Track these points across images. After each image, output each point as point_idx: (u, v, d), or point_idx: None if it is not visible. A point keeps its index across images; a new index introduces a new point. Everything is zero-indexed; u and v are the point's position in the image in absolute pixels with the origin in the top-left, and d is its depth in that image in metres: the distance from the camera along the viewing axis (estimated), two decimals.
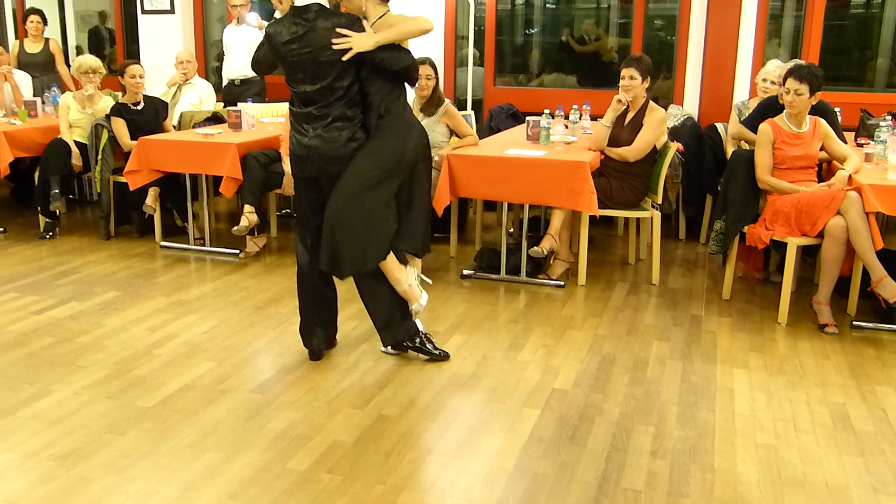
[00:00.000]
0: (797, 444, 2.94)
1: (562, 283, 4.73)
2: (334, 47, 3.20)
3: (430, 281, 4.12)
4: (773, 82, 5.04)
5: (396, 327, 3.58)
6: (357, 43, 3.22)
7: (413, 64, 3.41)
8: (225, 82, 6.84)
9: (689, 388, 3.38)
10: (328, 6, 3.30)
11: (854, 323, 4.15)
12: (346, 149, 3.32)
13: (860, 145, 5.11)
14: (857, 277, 4.24)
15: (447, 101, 5.08)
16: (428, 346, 3.62)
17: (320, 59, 3.24)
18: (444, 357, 3.63)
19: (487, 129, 6.45)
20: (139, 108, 5.55)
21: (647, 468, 2.76)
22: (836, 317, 4.11)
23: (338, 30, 3.22)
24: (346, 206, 3.31)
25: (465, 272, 4.88)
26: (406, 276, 3.52)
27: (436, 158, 4.83)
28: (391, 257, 3.45)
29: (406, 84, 3.47)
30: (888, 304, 4.00)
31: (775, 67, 5.11)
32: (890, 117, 5.12)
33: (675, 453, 2.85)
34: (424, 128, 3.53)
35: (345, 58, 3.21)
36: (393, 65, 3.33)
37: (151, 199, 5.26)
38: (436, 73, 5.02)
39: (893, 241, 4.36)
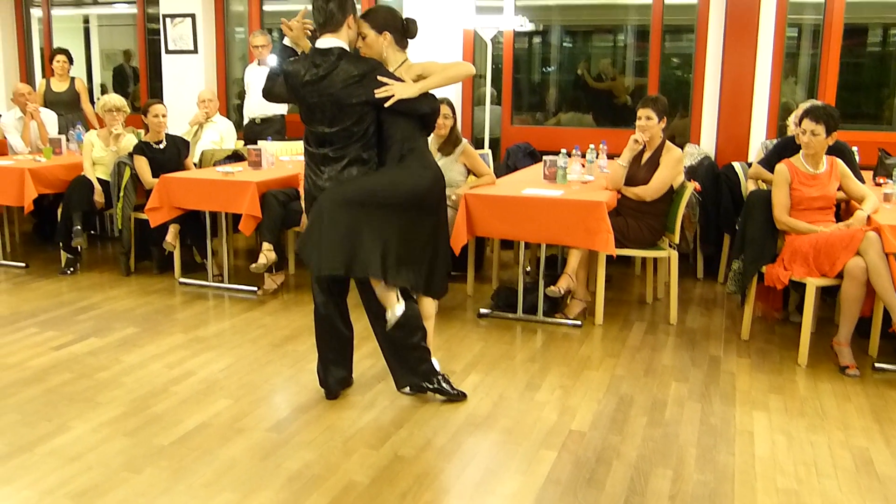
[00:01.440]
0: (819, 490, 2.89)
1: (579, 322, 4.71)
2: (377, 95, 3.22)
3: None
4: None
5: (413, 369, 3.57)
6: (400, 91, 3.24)
7: (435, 110, 3.43)
8: (246, 121, 6.94)
9: (709, 431, 3.34)
10: (349, 50, 3.35)
11: (876, 364, 4.10)
12: None
13: (878, 184, 5.10)
14: (878, 318, 4.19)
15: (464, 140, 5.12)
16: (445, 386, 3.60)
17: (342, 103, 3.25)
18: (461, 397, 3.61)
19: (505, 167, 6.49)
20: (161, 146, 5.64)
21: None
22: (857, 358, 4.07)
23: (380, 78, 3.24)
24: (333, 206, 3.25)
25: (482, 311, 4.88)
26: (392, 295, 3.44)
27: (453, 198, 4.86)
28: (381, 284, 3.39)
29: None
30: None
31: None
32: None
33: (694, 497, 2.82)
34: (442, 172, 3.54)
35: (387, 104, 3.22)
36: (416, 110, 3.35)
37: (171, 236, 5.32)
38: (453, 113, 5.07)
39: None
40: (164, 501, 2.73)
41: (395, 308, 3.39)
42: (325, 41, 3.33)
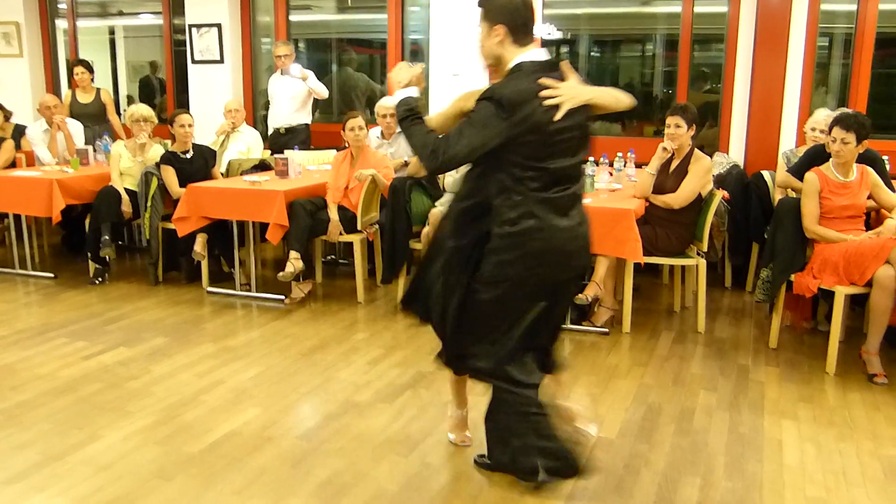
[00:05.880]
0: (848, 498, 2.87)
1: (606, 330, 4.70)
2: (546, 102, 2.55)
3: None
4: (821, 131, 5.00)
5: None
6: (569, 97, 2.59)
7: None
8: (270, 131, 7.00)
9: (737, 440, 3.32)
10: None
11: None
12: None
13: None
14: None
15: None
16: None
17: (587, 123, 2.70)
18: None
19: None
20: (188, 156, 5.70)
21: None
22: (886, 367, 4.02)
23: (540, 81, 2.59)
24: None
25: None
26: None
27: None
28: None
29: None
30: None
31: (824, 116, 5.07)
32: None
33: None
34: None
35: (556, 117, 2.56)
36: None
37: (199, 246, 5.37)
38: None
39: None
40: None
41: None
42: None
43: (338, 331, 4.72)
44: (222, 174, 6.14)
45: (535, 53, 2.66)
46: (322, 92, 6.89)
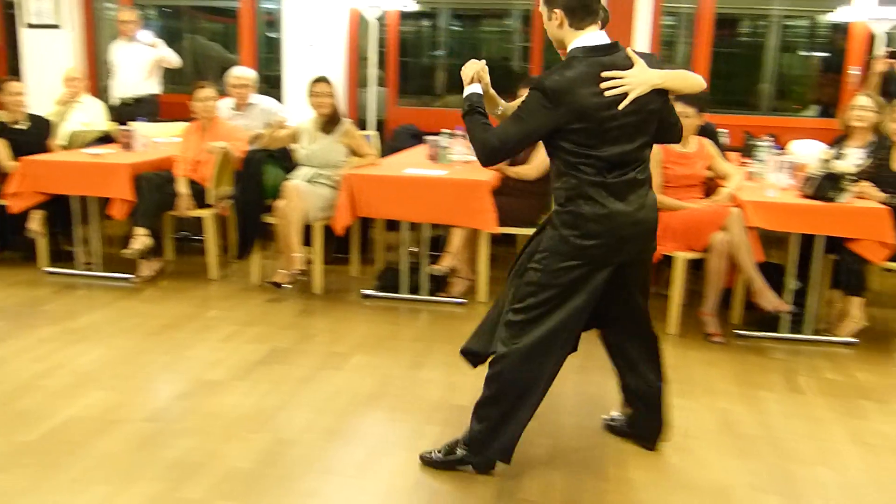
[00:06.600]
0: (685, 448, 3.05)
1: (463, 300, 4.77)
2: (607, 93, 2.51)
3: None
4: None
5: None
6: (637, 84, 2.55)
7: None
8: (115, 101, 6.64)
9: (587, 400, 3.46)
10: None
11: (738, 332, 4.34)
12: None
13: (744, 164, 5.37)
14: (740, 289, 4.44)
15: (347, 120, 5.07)
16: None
17: (650, 107, 2.62)
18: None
19: (389, 148, 6.46)
20: (21, 127, 5.32)
21: (542, 479, 2.81)
22: (722, 327, 4.30)
23: (604, 73, 2.55)
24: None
25: (367, 292, 4.86)
26: None
27: (335, 178, 4.82)
28: None
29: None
30: (767, 314, 4.21)
31: None
32: (770, 138, 5.39)
33: (570, 463, 2.92)
34: None
35: (621, 106, 2.53)
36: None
37: (36, 223, 5.04)
38: (334, 91, 5.00)
39: (773, 254, 4.58)
40: (27, 501, 2.60)
41: None
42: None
43: (189, 308, 4.56)
44: (63, 147, 5.77)
45: (592, 37, 2.60)
46: (174, 60, 6.61)
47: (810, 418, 3.39)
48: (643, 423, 3.06)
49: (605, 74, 2.52)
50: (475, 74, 2.77)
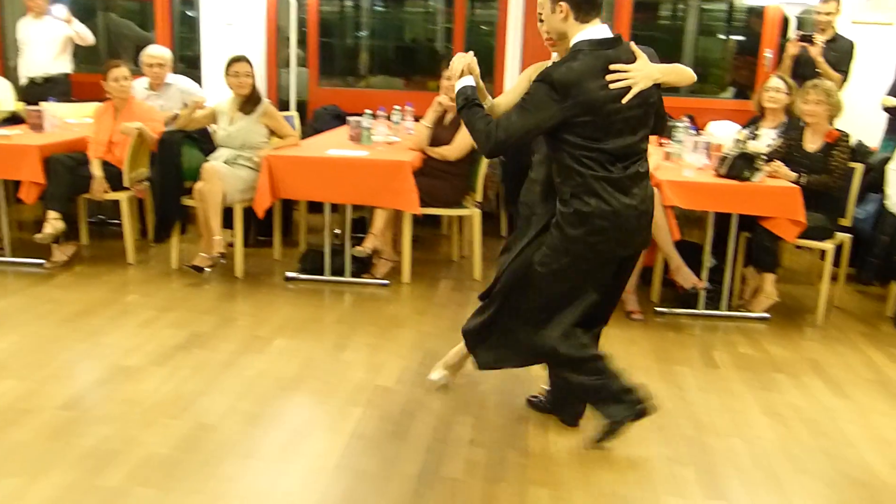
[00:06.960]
0: (591, 424, 3.11)
1: (386, 281, 4.77)
2: (612, 86, 2.55)
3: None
4: None
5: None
6: (642, 78, 2.60)
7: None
8: (24, 80, 6.37)
9: (509, 378, 3.50)
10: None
11: (657, 309, 4.46)
12: None
13: (661, 144, 5.48)
14: (659, 267, 4.56)
15: (266, 100, 4.98)
16: None
17: (650, 100, 2.68)
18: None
19: (311, 130, 6.38)
20: None
21: (465, 457, 2.84)
22: (641, 304, 4.40)
23: (612, 66, 2.58)
24: None
25: (290, 274, 4.81)
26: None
27: (255, 159, 4.74)
28: None
29: None
30: (685, 291, 4.33)
31: None
32: (687, 119, 5.52)
33: (493, 441, 2.96)
34: None
35: (625, 100, 2.57)
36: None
37: None
38: (253, 71, 4.90)
39: (689, 232, 4.71)
40: None
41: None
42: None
43: (106, 294, 4.43)
44: None
45: (597, 31, 2.62)
46: (88, 37, 6.37)
47: (725, 392, 3.51)
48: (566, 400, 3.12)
49: (612, 68, 2.56)
50: (465, 67, 2.77)
